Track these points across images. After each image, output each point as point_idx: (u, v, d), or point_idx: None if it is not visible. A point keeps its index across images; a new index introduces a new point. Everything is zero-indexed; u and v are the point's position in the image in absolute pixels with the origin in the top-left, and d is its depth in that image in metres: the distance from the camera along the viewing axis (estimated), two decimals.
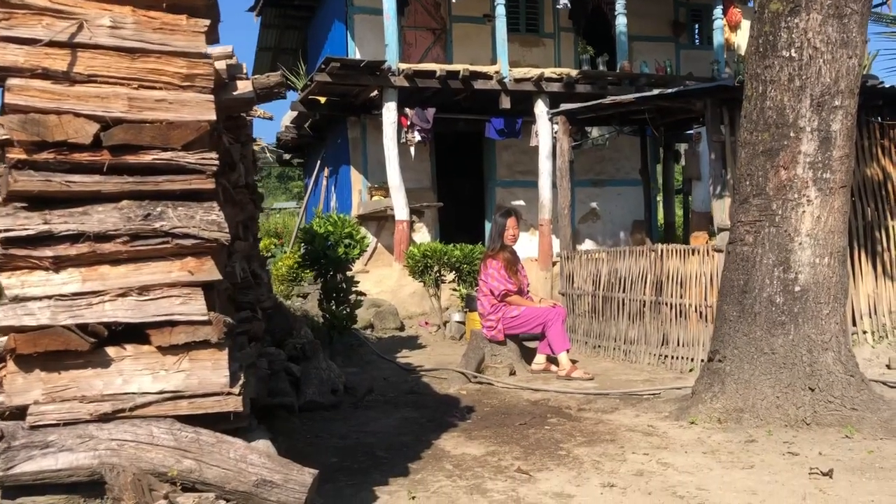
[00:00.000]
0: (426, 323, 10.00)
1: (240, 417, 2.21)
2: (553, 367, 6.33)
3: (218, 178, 2.46)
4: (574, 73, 11.26)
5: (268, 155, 15.26)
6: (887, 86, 6.15)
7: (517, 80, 10.99)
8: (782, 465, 3.41)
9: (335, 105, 11.87)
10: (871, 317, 6.33)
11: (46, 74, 2.14)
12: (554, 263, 10.78)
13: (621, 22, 11.52)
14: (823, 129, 4.05)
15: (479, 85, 10.83)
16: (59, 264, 2.11)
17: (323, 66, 10.11)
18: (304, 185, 17.30)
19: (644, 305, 6.76)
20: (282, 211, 25.58)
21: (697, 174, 11.89)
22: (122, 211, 2.15)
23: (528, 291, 6.65)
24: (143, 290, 2.15)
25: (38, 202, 2.14)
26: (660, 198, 14.97)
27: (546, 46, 13.16)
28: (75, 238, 2.11)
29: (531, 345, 6.64)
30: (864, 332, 6.29)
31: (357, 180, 12.35)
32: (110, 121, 2.18)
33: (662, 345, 6.57)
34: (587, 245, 13.59)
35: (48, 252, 2.10)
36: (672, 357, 6.43)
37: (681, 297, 6.39)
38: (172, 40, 2.26)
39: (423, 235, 12.38)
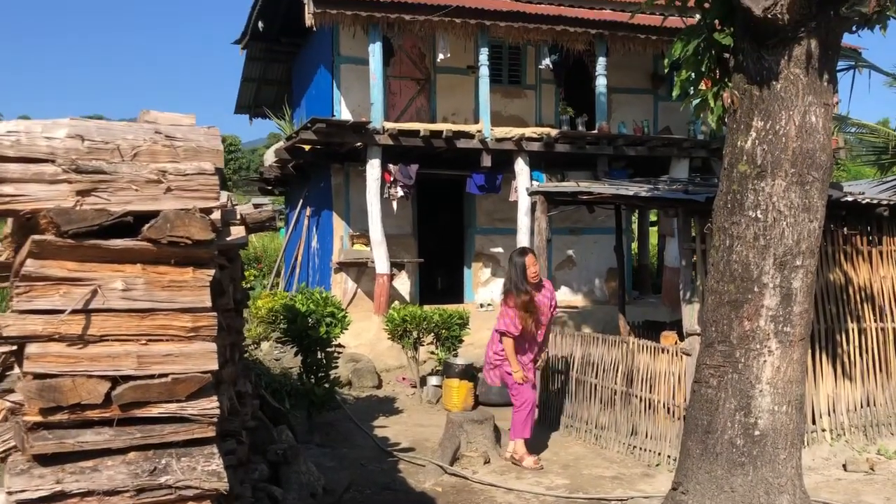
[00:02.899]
0: (404, 378, 10.20)
1: None
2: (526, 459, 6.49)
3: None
4: (554, 132, 11.53)
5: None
6: (850, 199, 6.44)
7: (498, 140, 11.24)
8: None
9: (319, 153, 12.03)
10: (829, 416, 6.62)
11: (62, 338, 2.31)
12: None
13: (601, 83, 11.81)
14: (785, 286, 4.30)
15: (461, 144, 11.07)
16: None
17: (308, 125, 10.29)
18: (285, 214, 17.42)
19: (615, 394, 7.00)
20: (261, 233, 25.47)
21: (670, 231, 12.18)
22: (130, 466, 2.32)
23: (549, 320, 6.66)
24: None
25: (52, 456, 2.30)
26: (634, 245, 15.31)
27: (528, 98, 13.42)
28: (86, 493, 2.28)
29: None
30: (823, 431, 6.58)
31: (339, 226, 12.52)
32: (120, 378, 2.35)
33: (632, 435, 6.81)
34: (563, 292, 13.85)
35: None
36: (641, 448, 6.66)
37: (650, 391, 6.64)
38: (179, 297, 2.43)
39: (403, 283, 12.58)
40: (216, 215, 2.97)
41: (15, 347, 2.46)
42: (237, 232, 3.79)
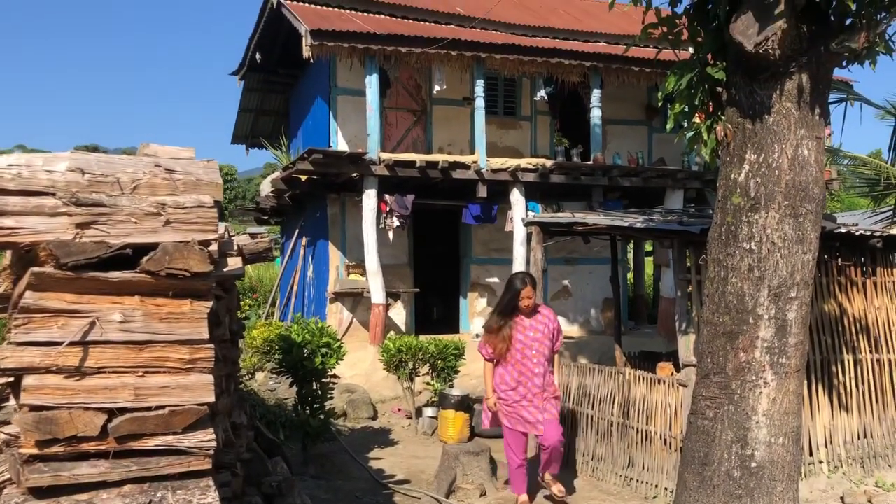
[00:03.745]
0: (399, 409, 10.14)
1: None
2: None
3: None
4: (549, 163, 11.60)
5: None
6: (843, 230, 6.49)
7: (494, 171, 11.31)
8: None
9: (315, 183, 12.08)
10: (827, 447, 6.59)
11: (59, 370, 2.31)
12: None
13: (595, 115, 11.92)
14: (780, 318, 4.31)
15: (457, 175, 11.13)
16: None
17: (305, 156, 10.34)
18: (281, 244, 17.42)
19: (612, 425, 6.97)
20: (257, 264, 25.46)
21: (666, 262, 12.23)
22: (126, 499, 2.31)
23: (551, 349, 6.15)
24: None
25: (47, 489, 2.29)
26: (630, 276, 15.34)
27: (523, 129, 13.53)
28: None
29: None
30: (821, 462, 6.55)
31: (335, 256, 12.53)
32: (117, 410, 2.34)
33: (629, 466, 6.77)
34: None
35: None
36: (638, 481, 6.62)
37: (647, 422, 6.61)
38: (177, 329, 2.44)
39: (398, 313, 12.57)
40: (214, 247, 2.99)
41: (12, 379, 2.45)
42: (234, 263, 3.82)
